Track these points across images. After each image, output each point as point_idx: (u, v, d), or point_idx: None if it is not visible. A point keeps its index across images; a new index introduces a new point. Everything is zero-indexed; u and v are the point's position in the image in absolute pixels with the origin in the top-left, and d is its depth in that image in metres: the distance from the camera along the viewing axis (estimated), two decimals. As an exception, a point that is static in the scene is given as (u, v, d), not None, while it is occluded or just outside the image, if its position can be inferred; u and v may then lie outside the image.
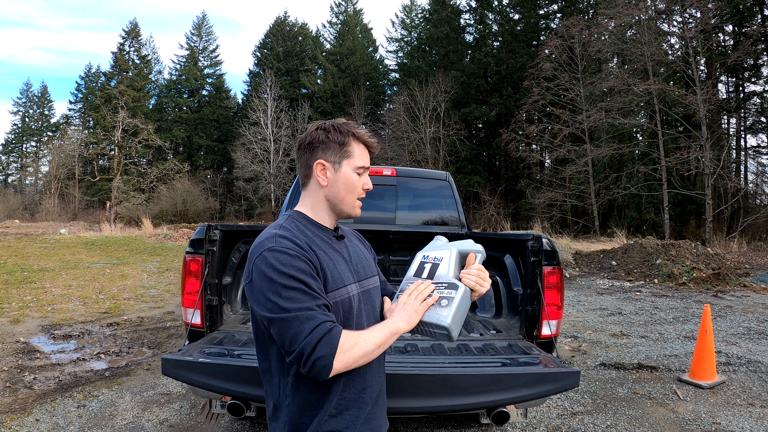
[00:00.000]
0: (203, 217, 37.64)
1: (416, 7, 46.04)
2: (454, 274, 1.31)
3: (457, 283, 1.27)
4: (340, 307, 1.24)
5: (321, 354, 1.09)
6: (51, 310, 7.09)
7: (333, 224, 1.38)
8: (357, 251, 1.42)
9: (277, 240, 1.20)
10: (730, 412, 3.77)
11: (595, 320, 7.14)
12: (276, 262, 1.15)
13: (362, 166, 1.33)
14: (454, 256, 1.33)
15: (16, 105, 58.39)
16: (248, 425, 3.45)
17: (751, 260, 14.96)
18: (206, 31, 50.53)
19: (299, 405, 1.21)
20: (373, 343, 1.17)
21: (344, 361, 1.12)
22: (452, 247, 1.36)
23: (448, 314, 1.23)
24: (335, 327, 1.14)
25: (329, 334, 1.11)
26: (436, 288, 1.29)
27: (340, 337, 1.12)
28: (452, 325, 1.22)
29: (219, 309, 2.98)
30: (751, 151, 27.34)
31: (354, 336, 1.16)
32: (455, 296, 1.25)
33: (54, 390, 4.07)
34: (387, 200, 4.65)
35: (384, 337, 1.20)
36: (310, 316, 1.11)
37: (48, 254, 14.66)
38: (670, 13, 23.88)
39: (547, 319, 2.78)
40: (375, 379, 1.32)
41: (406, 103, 32.29)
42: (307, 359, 1.09)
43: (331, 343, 1.10)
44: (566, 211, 28.12)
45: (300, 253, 1.18)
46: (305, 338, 1.09)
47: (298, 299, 1.12)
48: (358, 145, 1.33)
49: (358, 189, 1.34)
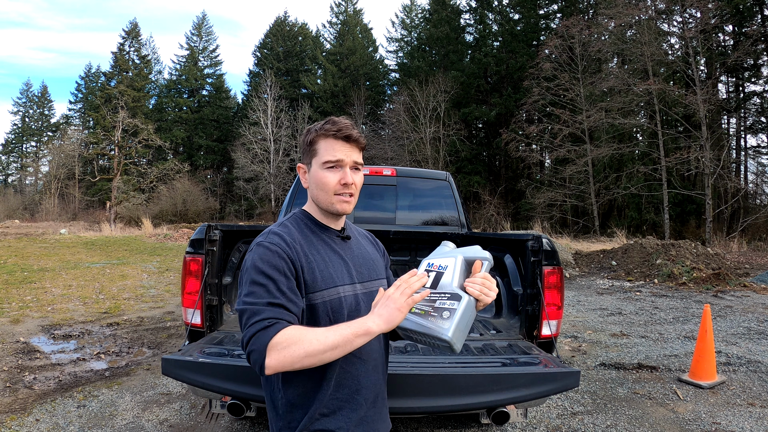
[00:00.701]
0: (203, 217, 37.64)
1: (416, 7, 46.08)
2: (459, 283, 1.25)
3: (460, 293, 1.22)
4: (328, 306, 1.24)
5: (252, 349, 1.10)
6: (51, 310, 7.09)
7: (335, 224, 1.37)
8: (363, 253, 1.41)
9: (268, 236, 1.25)
10: (730, 412, 3.77)
11: (595, 320, 7.14)
12: (257, 256, 1.21)
13: (329, 161, 1.28)
14: (459, 264, 1.28)
15: (16, 105, 58.49)
16: (248, 425, 3.45)
17: (751, 260, 14.96)
18: (206, 31, 50.56)
19: (290, 400, 1.24)
20: (322, 343, 1.09)
21: (281, 359, 1.08)
22: (458, 254, 1.31)
23: (449, 327, 1.16)
24: (275, 324, 1.10)
25: (263, 331, 1.10)
26: (439, 298, 1.23)
27: (277, 335, 1.09)
28: (454, 338, 1.16)
29: (219, 309, 2.98)
30: (751, 151, 27.37)
31: (298, 334, 1.10)
32: (458, 307, 1.18)
33: (54, 390, 4.07)
34: (387, 200, 4.65)
35: (343, 337, 1.10)
36: (257, 311, 1.13)
37: (48, 254, 14.66)
38: (670, 13, 23.88)
39: (547, 319, 2.78)
40: (371, 381, 1.30)
41: (406, 103, 32.28)
42: (244, 351, 1.13)
43: (262, 339, 1.09)
44: (566, 211, 28.12)
45: (282, 250, 1.21)
46: (245, 331, 1.13)
47: (258, 295, 1.16)
48: (325, 140, 1.30)
49: (331, 185, 1.29)
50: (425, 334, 1.20)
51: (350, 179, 1.29)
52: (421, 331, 1.20)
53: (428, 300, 1.25)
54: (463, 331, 1.18)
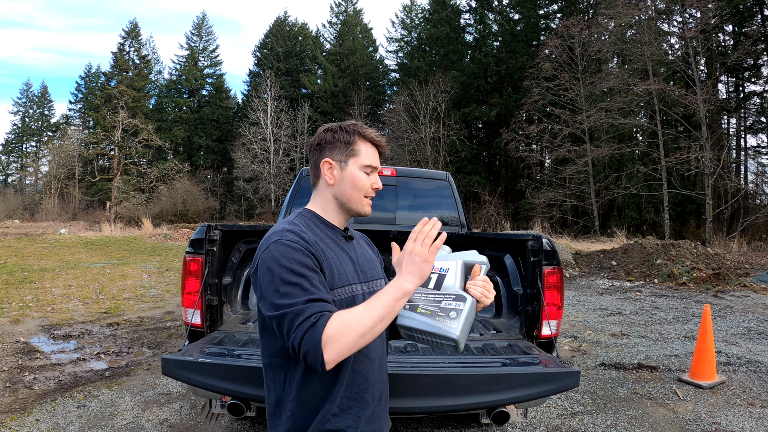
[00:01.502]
0: (203, 217, 37.63)
1: (416, 7, 46.08)
2: (461, 285, 1.30)
3: (464, 294, 1.26)
4: (343, 305, 1.23)
5: (306, 349, 1.08)
6: (51, 310, 7.09)
7: (343, 224, 1.39)
8: (364, 253, 1.43)
9: (284, 233, 1.21)
10: (730, 412, 3.77)
11: (595, 320, 7.14)
12: (279, 254, 1.16)
13: (369, 165, 1.34)
14: (460, 267, 1.32)
15: (16, 105, 58.48)
16: (248, 425, 3.45)
17: (751, 260, 14.96)
18: (206, 31, 50.55)
19: (303, 401, 1.22)
20: (370, 318, 1.10)
21: (337, 349, 1.08)
22: (458, 258, 1.35)
23: (457, 326, 1.21)
24: (321, 318, 1.09)
25: (312, 328, 1.07)
26: (444, 299, 1.26)
27: (326, 328, 1.07)
28: (461, 336, 1.20)
29: (219, 309, 2.98)
30: (751, 151, 27.37)
31: (345, 320, 1.09)
32: (463, 308, 1.23)
33: (54, 390, 4.07)
34: (387, 200, 4.65)
35: (387, 306, 1.12)
36: (300, 311, 1.10)
37: (48, 254, 14.66)
38: (670, 13, 23.88)
39: (547, 319, 2.78)
40: (377, 379, 1.32)
41: (406, 103, 32.29)
42: (297, 355, 1.10)
43: (314, 336, 1.07)
44: (566, 211, 28.12)
45: (304, 247, 1.19)
46: (293, 334, 1.09)
47: (293, 295, 1.12)
48: (365, 144, 1.35)
49: (366, 187, 1.34)
50: (432, 334, 1.23)
51: (381, 186, 1.37)
52: (429, 331, 1.23)
53: (434, 300, 1.27)
54: (467, 330, 1.22)
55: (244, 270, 3.55)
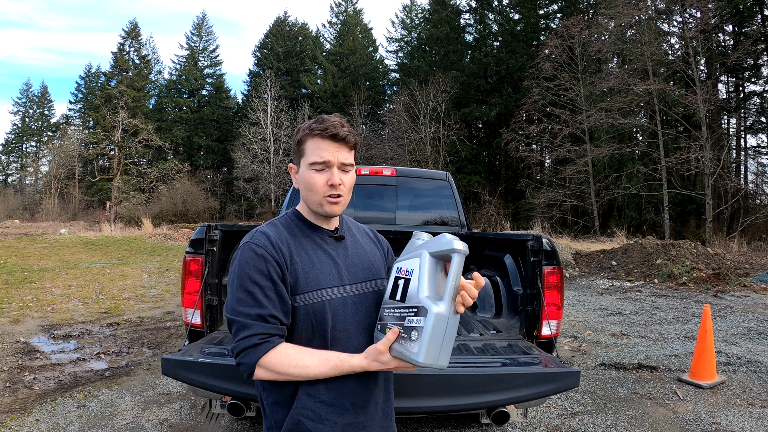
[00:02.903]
0: (203, 217, 37.62)
1: (416, 7, 46.08)
2: (429, 289, 1.05)
3: (426, 304, 1.01)
4: (310, 310, 1.21)
5: (241, 362, 1.17)
6: (51, 310, 7.09)
7: (328, 224, 1.33)
8: (359, 252, 1.35)
9: (255, 236, 1.24)
10: (730, 412, 3.77)
11: (595, 320, 7.14)
12: (243, 259, 1.21)
13: (316, 162, 1.24)
14: (426, 265, 1.07)
15: (16, 105, 58.51)
16: (248, 425, 3.45)
17: (751, 260, 14.96)
18: (206, 31, 50.56)
19: (275, 399, 1.25)
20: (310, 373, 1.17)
21: (268, 376, 1.17)
22: (422, 250, 1.10)
23: (418, 350, 0.99)
24: (264, 343, 1.15)
25: (253, 349, 1.15)
26: (407, 314, 1.07)
27: (265, 355, 1.15)
28: (428, 360, 0.99)
29: (219, 309, 2.98)
30: (751, 151, 27.37)
31: (286, 361, 1.16)
32: (424, 324, 1.00)
33: (54, 390, 4.07)
34: (387, 200, 4.65)
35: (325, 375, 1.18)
36: (247, 325, 1.16)
37: (48, 254, 14.66)
38: (670, 13, 23.88)
39: (547, 319, 2.78)
40: (359, 385, 1.24)
41: (406, 103, 32.28)
42: (235, 358, 1.19)
43: (252, 356, 1.15)
44: (566, 211, 28.12)
45: (267, 252, 1.20)
46: (236, 342, 1.18)
47: (246, 303, 1.17)
48: (312, 140, 1.25)
49: (318, 186, 1.24)
50: (401, 360, 1.07)
51: (337, 180, 1.24)
52: (400, 358, 1.07)
53: (398, 317, 1.10)
54: (439, 348, 1.00)
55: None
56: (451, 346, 1.02)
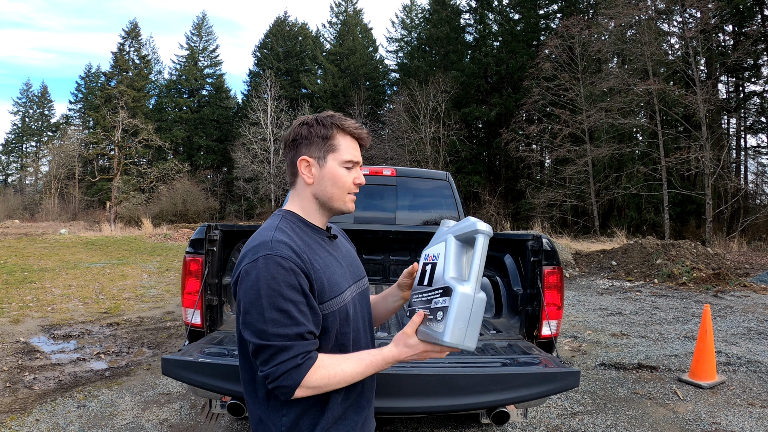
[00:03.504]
0: (203, 217, 37.63)
1: (416, 7, 46.06)
2: (455, 271, 1.08)
3: (451, 285, 1.04)
4: (337, 316, 1.18)
5: (282, 384, 1.08)
6: (51, 310, 7.09)
7: (325, 223, 1.31)
8: (349, 251, 1.36)
9: (274, 245, 1.12)
10: (730, 412, 3.77)
11: (595, 320, 7.14)
12: (268, 274, 1.08)
13: (350, 160, 1.23)
14: (451, 248, 1.11)
15: (16, 105, 58.47)
16: (248, 425, 3.45)
17: (751, 260, 14.96)
18: (206, 31, 50.55)
19: (299, 413, 1.16)
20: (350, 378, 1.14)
21: (310, 393, 1.10)
22: (448, 235, 1.14)
23: (443, 329, 1.01)
24: (306, 361, 1.08)
25: (296, 370, 1.07)
26: (434, 296, 1.09)
27: (308, 373, 1.08)
28: (454, 340, 1.00)
29: (219, 309, 2.98)
30: (751, 151, 27.38)
31: (328, 373, 1.11)
32: (450, 304, 1.02)
33: (54, 390, 4.07)
34: (387, 200, 4.65)
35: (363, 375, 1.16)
36: (286, 347, 1.07)
37: (48, 254, 14.66)
38: (670, 13, 23.88)
39: (547, 319, 2.78)
40: (369, 382, 1.28)
41: (406, 103, 32.28)
42: (271, 383, 1.09)
43: (295, 378, 1.07)
44: (566, 211, 28.12)
45: (295, 263, 1.10)
46: (273, 367, 1.07)
47: (280, 323, 1.07)
48: (344, 137, 1.24)
49: (348, 184, 1.24)
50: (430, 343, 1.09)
51: (363, 180, 1.27)
52: (427, 341, 1.09)
53: (425, 301, 1.14)
54: (465, 327, 1.02)
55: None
56: (477, 328, 1.03)
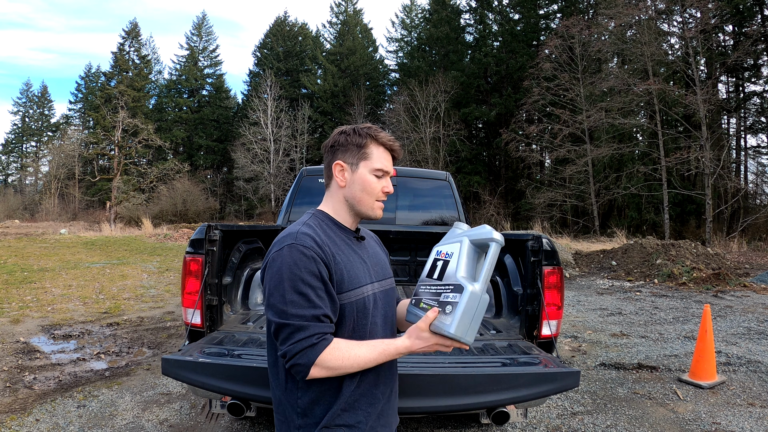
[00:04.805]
0: (203, 217, 37.62)
1: (416, 7, 46.07)
2: (466, 271, 1.17)
3: (463, 283, 1.14)
4: (354, 307, 1.27)
5: (297, 362, 1.17)
6: (51, 310, 7.09)
7: (354, 225, 1.41)
8: (375, 253, 1.45)
9: (299, 236, 1.23)
10: (730, 412, 3.77)
11: (595, 320, 7.14)
12: (291, 260, 1.20)
13: (380, 169, 1.35)
14: (465, 250, 1.20)
15: (16, 105, 58.46)
16: (248, 425, 3.45)
17: (751, 260, 14.96)
18: (206, 31, 50.55)
19: (313, 397, 1.25)
20: (363, 363, 1.20)
21: (323, 373, 1.18)
22: (463, 237, 1.24)
23: (451, 322, 1.11)
24: (321, 341, 1.17)
25: (311, 348, 1.16)
26: (443, 291, 1.19)
27: (323, 353, 1.17)
28: (458, 333, 1.10)
29: (219, 309, 2.98)
30: (751, 151, 27.37)
31: (343, 355, 1.18)
32: (460, 300, 1.11)
33: (54, 390, 4.07)
34: (387, 200, 4.65)
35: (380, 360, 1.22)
36: (303, 327, 1.17)
37: (48, 254, 14.66)
38: (670, 13, 23.88)
39: (547, 319, 2.78)
40: (388, 376, 1.35)
41: (406, 103, 32.29)
42: (287, 362, 1.19)
43: (310, 356, 1.16)
44: (566, 211, 28.12)
45: (316, 253, 1.21)
46: (291, 345, 1.17)
47: (299, 305, 1.17)
48: (377, 147, 1.35)
49: (376, 191, 1.36)
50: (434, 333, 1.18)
51: (392, 189, 1.39)
52: (435, 331, 1.17)
53: (435, 293, 1.21)
54: (469, 324, 1.12)
55: (244, 270, 3.55)
56: (478, 324, 1.14)
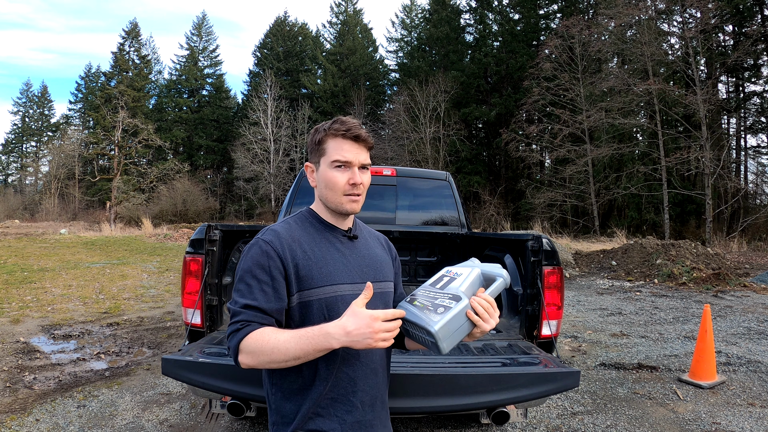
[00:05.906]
0: (203, 217, 37.62)
1: (416, 7, 46.05)
2: (467, 291, 1.24)
3: (461, 296, 1.21)
4: (323, 304, 1.24)
5: (228, 345, 1.22)
6: (51, 310, 7.08)
7: (342, 223, 1.36)
8: (371, 254, 1.39)
9: (266, 232, 1.29)
10: (730, 412, 3.77)
11: (595, 320, 7.14)
12: (249, 254, 1.26)
13: (337, 160, 1.28)
14: (474, 275, 1.28)
15: (16, 105, 58.49)
16: (248, 425, 3.45)
17: (751, 260, 14.96)
18: (206, 31, 50.56)
19: (283, 395, 1.27)
20: (283, 354, 1.13)
21: (250, 361, 1.18)
22: (476, 266, 1.32)
23: (438, 320, 1.15)
24: (244, 328, 1.19)
25: (235, 334, 1.19)
26: (440, 297, 1.24)
27: (244, 339, 1.18)
28: (440, 333, 1.14)
29: (219, 309, 2.98)
30: (751, 151, 27.37)
31: (261, 342, 1.15)
32: (453, 307, 1.18)
33: (54, 390, 4.07)
34: (387, 200, 4.65)
35: (304, 352, 1.13)
36: (236, 313, 1.21)
37: (48, 254, 14.66)
38: (670, 13, 23.88)
39: (547, 319, 2.78)
40: (369, 383, 1.28)
41: (406, 103, 32.28)
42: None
43: (233, 340, 1.19)
44: (566, 211, 28.12)
45: (272, 248, 1.24)
46: (227, 327, 1.23)
47: (241, 293, 1.23)
48: (333, 139, 1.30)
49: (340, 185, 1.29)
50: (417, 326, 1.19)
51: (359, 179, 1.29)
52: (414, 321, 1.20)
53: (432, 297, 1.26)
54: (450, 332, 1.16)
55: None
56: (458, 339, 1.19)
